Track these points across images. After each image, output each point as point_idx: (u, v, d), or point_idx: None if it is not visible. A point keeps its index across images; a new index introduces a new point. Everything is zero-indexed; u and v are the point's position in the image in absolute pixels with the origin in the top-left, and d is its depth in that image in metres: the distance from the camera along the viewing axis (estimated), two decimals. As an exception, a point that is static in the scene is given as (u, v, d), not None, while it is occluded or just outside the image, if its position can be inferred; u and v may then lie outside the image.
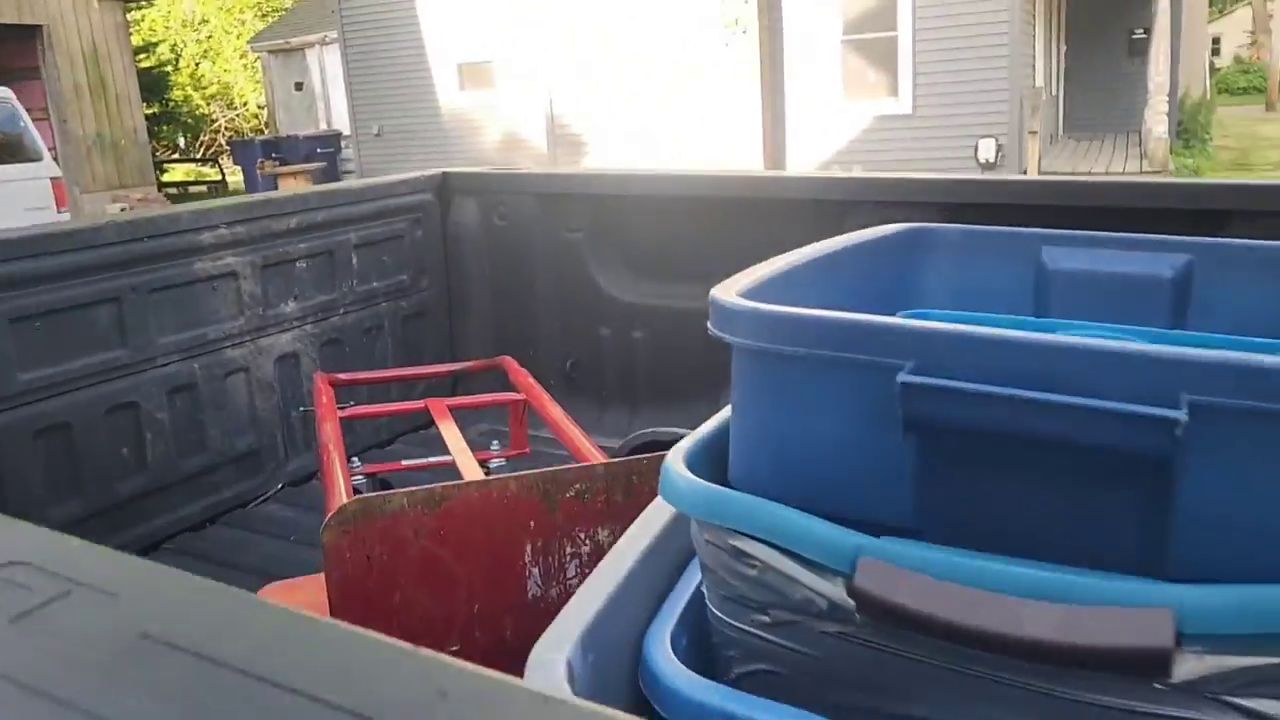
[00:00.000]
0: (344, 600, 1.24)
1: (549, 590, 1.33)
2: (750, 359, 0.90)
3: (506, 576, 1.31)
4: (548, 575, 1.32)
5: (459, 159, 14.34)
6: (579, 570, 1.34)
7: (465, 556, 1.28)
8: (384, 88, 14.98)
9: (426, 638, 1.29)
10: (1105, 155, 13.84)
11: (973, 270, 1.45)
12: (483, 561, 1.29)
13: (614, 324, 3.28)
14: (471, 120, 14.59)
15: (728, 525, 0.87)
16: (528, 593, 1.32)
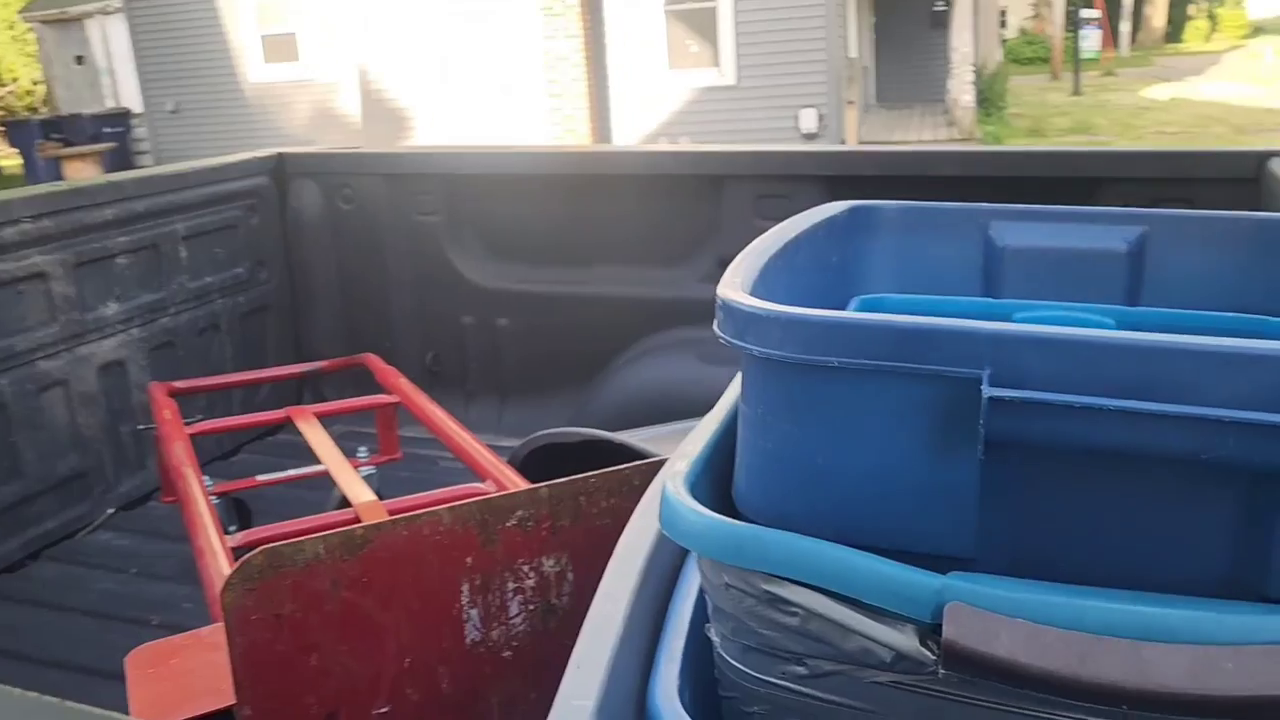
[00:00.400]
0: (251, 670, 1.03)
1: (490, 633, 1.16)
2: (777, 371, 0.76)
3: (441, 622, 1.13)
4: (488, 616, 1.15)
5: (266, 137, 13.53)
6: (523, 608, 1.17)
7: (393, 604, 1.09)
8: (179, 61, 13.96)
9: (350, 702, 1.10)
10: (916, 124, 14.41)
11: (918, 249, 1.36)
12: (413, 608, 1.11)
13: (477, 312, 3.08)
14: (278, 95, 13.80)
15: (764, 569, 0.74)
16: (465, 638, 1.15)
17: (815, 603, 0.73)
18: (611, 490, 1.18)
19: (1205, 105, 17.90)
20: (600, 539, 1.21)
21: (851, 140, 12.55)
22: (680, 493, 0.81)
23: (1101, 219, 1.30)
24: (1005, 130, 15.73)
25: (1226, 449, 0.63)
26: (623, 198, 2.86)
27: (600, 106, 12.70)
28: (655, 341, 2.90)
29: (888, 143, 13.37)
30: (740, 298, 0.77)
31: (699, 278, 2.86)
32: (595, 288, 2.95)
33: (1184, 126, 15.86)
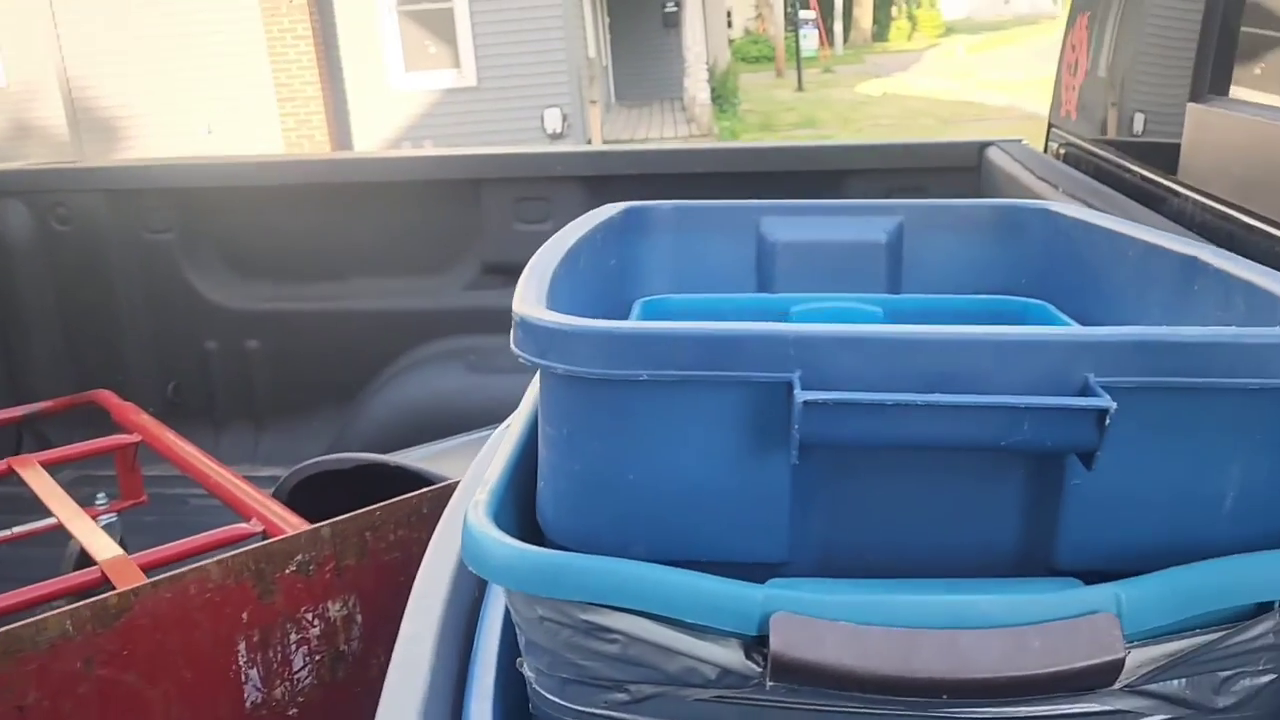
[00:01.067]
0: (-11, 775, 0.89)
1: (273, 692, 1.06)
2: (582, 388, 0.72)
3: (217, 688, 1.02)
4: (270, 674, 1.05)
5: (-45, 152, 12.15)
6: (309, 659, 1.08)
7: (160, 676, 0.98)
8: None
9: (116, 792, 0.97)
10: (656, 121, 14.81)
11: (693, 247, 1.37)
12: (184, 677, 0.99)
13: (221, 336, 2.87)
14: (-35, 106, 12.39)
15: (582, 598, 0.70)
16: (245, 701, 1.05)
17: (636, 627, 0.70)
18: (399, 521, 1.11)
19: (912, 99, 19.47)
20: (390, 575, 1.13)
21: (596, 138, 12.72)
22: (484, 525, 0.76)
23: (863, 211, 1.35)
24: (740, 125, 16.47)
25: (1021, 434, 0.65)
26: (376, 206, 2.74)
27: (337, 111, 12.23)
28: (420, 354, 2.80)
29: (632, 140, 13.67)
30: (540, 314, 0.73)
31: (462, 285, 2.79)
32: (352, 302, 2.82)
33: (896, 119, 17.19)
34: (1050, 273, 1.29)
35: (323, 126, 12.02)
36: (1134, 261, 1.12)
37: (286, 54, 11.45)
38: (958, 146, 2.52)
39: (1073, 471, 0.69)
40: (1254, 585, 0.67)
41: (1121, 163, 1.91)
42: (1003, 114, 16.96)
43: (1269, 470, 0.69)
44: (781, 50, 25.05)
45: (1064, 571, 0.72)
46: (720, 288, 1.37)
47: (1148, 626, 0.65)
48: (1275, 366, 0.65)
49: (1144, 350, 0.66)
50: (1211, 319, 0.91)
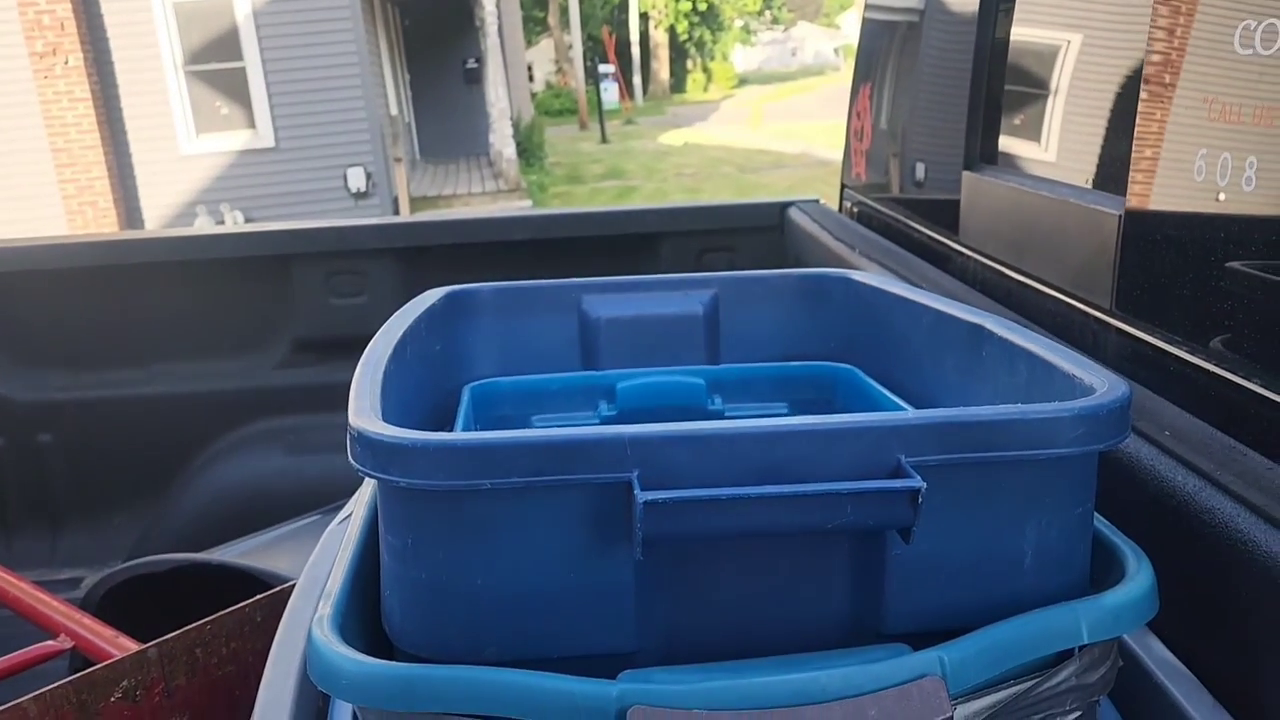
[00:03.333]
0: None
1: (101, 831, 1.00)
2: (424, 500, 0.73)
3: (38, 836, 0.95)
4: (95, 813, 0.99)
5: None
6: (139, 790, 1.02)
7: (-28, 832, 0.90)
8: None
9: None
10: (465, 177, 14.78)
11: (517, 328, 1.39)
12: (0, 829, 0.92)
13: (8, 431, 2.67)
14: None
15: (439, 709, 0.70)
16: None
17: (494, 733, 0.71)
18: (231, 633, 1.07)
19: (712, 148, 20.23)
20: (225, 691, 1.09)
21: (403, 196, 12.58)
22: (331, 641, 0.75)
23: (679, 285, 1.41)
24: (548, 178, 16.65)
25: (845, 516, 0.70)
26: (179, 285, 2.63)
27: (123, 176, 11.61)
28: (234, 438, 2.69)
29: (440, 197, 13.59)
30: (378, 428, 0.73)
31: (274, 364, 2.70)
32: (156, 387, 2.68)
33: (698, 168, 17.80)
34: (854, 337, 1.38)
35: (107, 193, 11.37)
36: (928, 328, 1.21)
37: (63, 117, 10.80)
38: (761, 207, 2.66)
39: (892, 544, 0.75)
40: (1056, 635, 0.74)
41: (909, 223, 2.07)
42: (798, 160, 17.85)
43: (1059, 529, 0.77)
44: (584, 103, 25.54)
45: (892, 636, 0.78)
46: (546, 366, 1.39)
47: (969, 684, 0.71)
48: (1058, 437, 0.73)
49: (946, 431, 0.73)
50: (1001, 383, 1.00)
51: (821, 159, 16.97)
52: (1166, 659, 0.87)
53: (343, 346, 2.68)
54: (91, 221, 11.21)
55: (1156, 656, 0.87)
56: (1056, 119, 1.57)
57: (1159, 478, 0.93)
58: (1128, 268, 1.24)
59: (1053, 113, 1.58)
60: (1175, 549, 0.89)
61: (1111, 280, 1.27)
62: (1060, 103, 1.56)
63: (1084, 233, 1.36)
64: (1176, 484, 0.91)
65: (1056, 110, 1.57)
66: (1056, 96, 1.57)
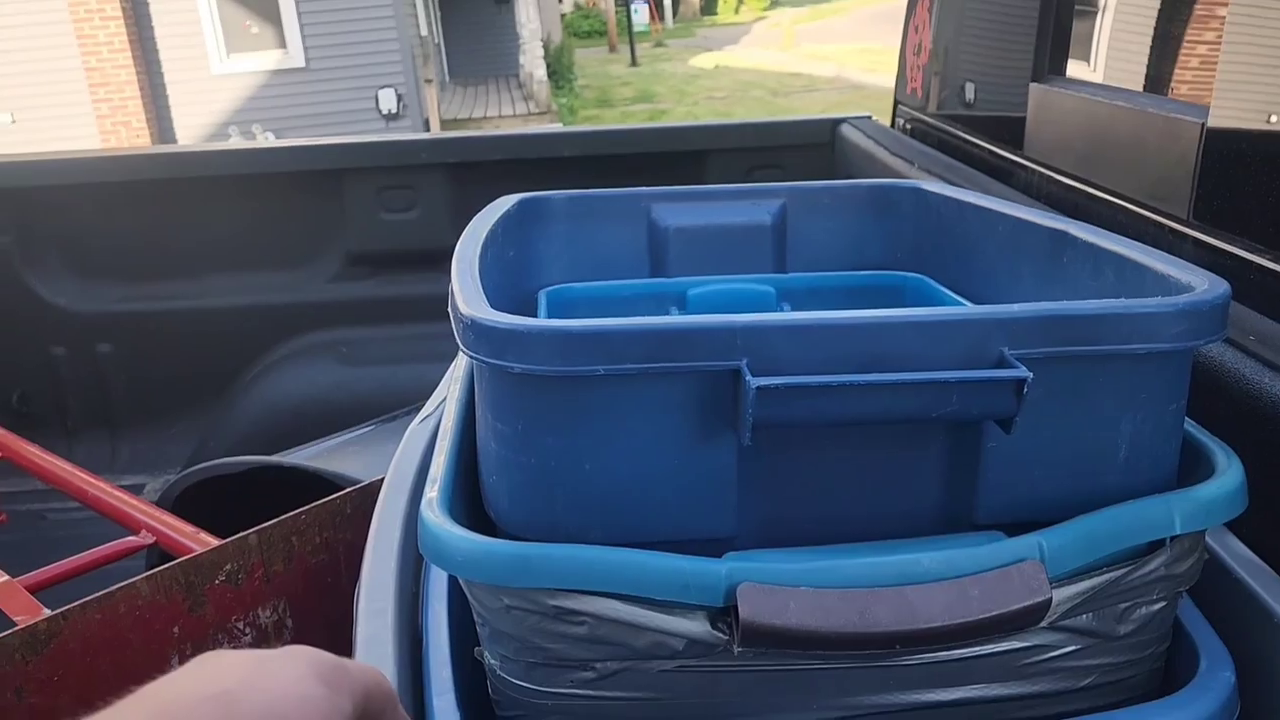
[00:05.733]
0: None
1: (208, 704, 1.05)
2: (537, 385, 0.75)
3: (151, 706, 1.00)
4: (204, 687, 1.04)
5: None
6: (242, 668, 1.07)
7: (92, 698, 0.95)
8: None
9: (53, 822, 0.95)
10: (494, 99, 14.65)
11: (587, 236, 1.40)
12: (118, 697, 0.97)
13: (69, 341, 2.72)
14: None
15: (552, 585, 0.74)
16: (181, 716, 1.03)
17: (604, 608, 0.74)
18: (323, 524, 1.11)
19: (743, 71, 19.89)
20: (317, 577, 1.13)
21: (434, 118, 12.50)
22: (445, 522, 0.78)
23: (747, 195, 1.41)
24: (577, 101, 16.47)
25: (950, 406, 0.72)
26: (234, 200, 2.65)
27: (155, 96, 11.59)
28: (287, 350, 2.74)
29: (470, 119, 13.50)
30: (492, 315, 0.75)
31: (327, 278, 2.73)
32: (211, 300, 2.72)
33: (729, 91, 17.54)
34: (923, 248, 1.39)
35: (139, 113, 11.36)
36: (1003, 236, 1.21)
37: (96, 36, 10.76)
38: (811, 124, 2.63)
39: (989, 436, 0.77)
40: (1149, 525, 0.76)
41: (969, 138, 2.05)
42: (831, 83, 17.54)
43: (1154, 425, 0.79)
44: (614, 25, 25.12)
45: (984, 526, 0.80)
46: (615, 274, 1.40)
47: (1065, 569, 0.74)
48: (1159, 332, 0.74)
49: (1050, 324, 0.74)
50: (1084, 287, 1.01)
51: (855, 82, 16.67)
52: (1246, 555, 0.89)
53: (394, 261, 2.70)
54: (125, 141, 11.23)
55: (1237, 553, 0.89)
56: (1132, 29, 1.54)
57: (1244, 380, 0.94)
58: (1207, 177, 1.23)
59: (1128, 22, 1.56)
60: (1258, 451, 0.91)
61: (1190, 190, 1.26)
62: (1136, 11, 1.53)
63: (1162, 143, 1.34)
64: (1263, 386, 0.92)
65: (1132, 20, 1.55)
66: (1132, 5, 1.54)
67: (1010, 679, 0.80)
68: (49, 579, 1.50)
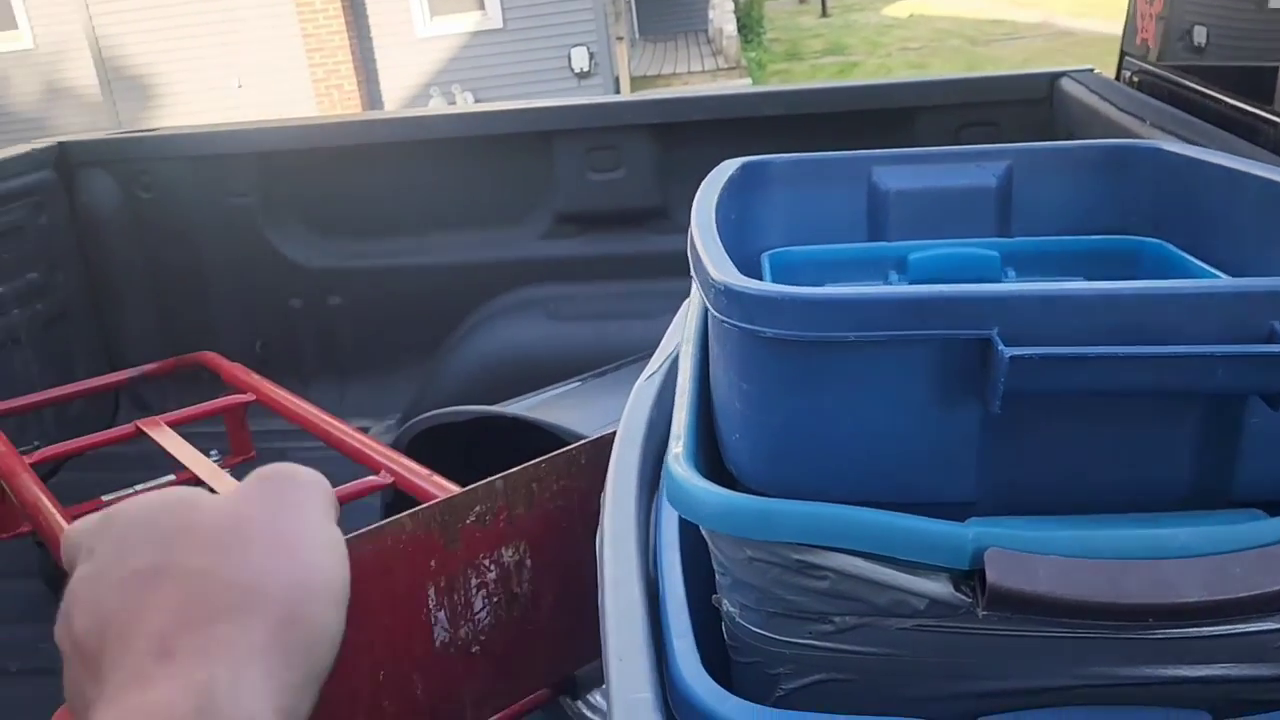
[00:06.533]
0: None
1: (458, 632, 1.15)
2: (785, 349, 0.78)
3: (411, 630, 1.11)
4: (455, 616, 1.14)
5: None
6: (487, 602, 1.17)
7: (364, 622, 1.06)
8: None
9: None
10: (683, 55, 14.64)
11: (806, 199, 1.41)
12: (384, 622, 1.08)
13: (305, 294, 2.95)
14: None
15: (798, 540, 0.77)
16: (435, 641, 1.13)
17: (847, 565, 0.77)
18: (560, 472, 1.18)
19: (940, 19, 19.10)
20: (554, 522, 1.21)
21: (624, 75, 12.63)
22: (693, 476, 0.82)
23: (971, 157, 1.39)
24: (766, 56, 16.25)
25: (1215, 380, 0.71)
26: (451, 161, 2.80)
27: (364, 59, 12.19)
28: (499, 305, 2.87)
29: (659, 76, 13.55)
30: (744, 282, 0.79)
31: (536, 236, 2.84)
32: (429, 257, 2.88)
33: (925, 41, 16.89)
34: (1161, 212, 1.33)
35: (351, 76, 12.00)
36: (1254, 200, 1.15)
37: (312, 3, 11.39)
38: (1028, 78, 2.53)
39: (1253, 411, 0.75)
40: None
41: (1210, 92, 1.93)
42: (1035, 30, 16.61)
43: None
44: (805, -25, 24.55)
45: (1241, 503, 0.78)
46: (832, 237, 1.41)
47: (1331, 549, 0.71)
48: None
49: (1326, 295, 0.71)
50: (1354, 258, 0.95)
51: (1063, 28, 15.73)
52: None
53: (600, 220, 2.79)
54: (337, 104, 11.90)
55: None
56: None
57: None
58: None
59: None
60: None
61: None
62: None
63: None
64: None
65: None
66: None
67: (1259, 660, 0.78)
68: (305, 512, 1.65)
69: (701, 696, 0.80)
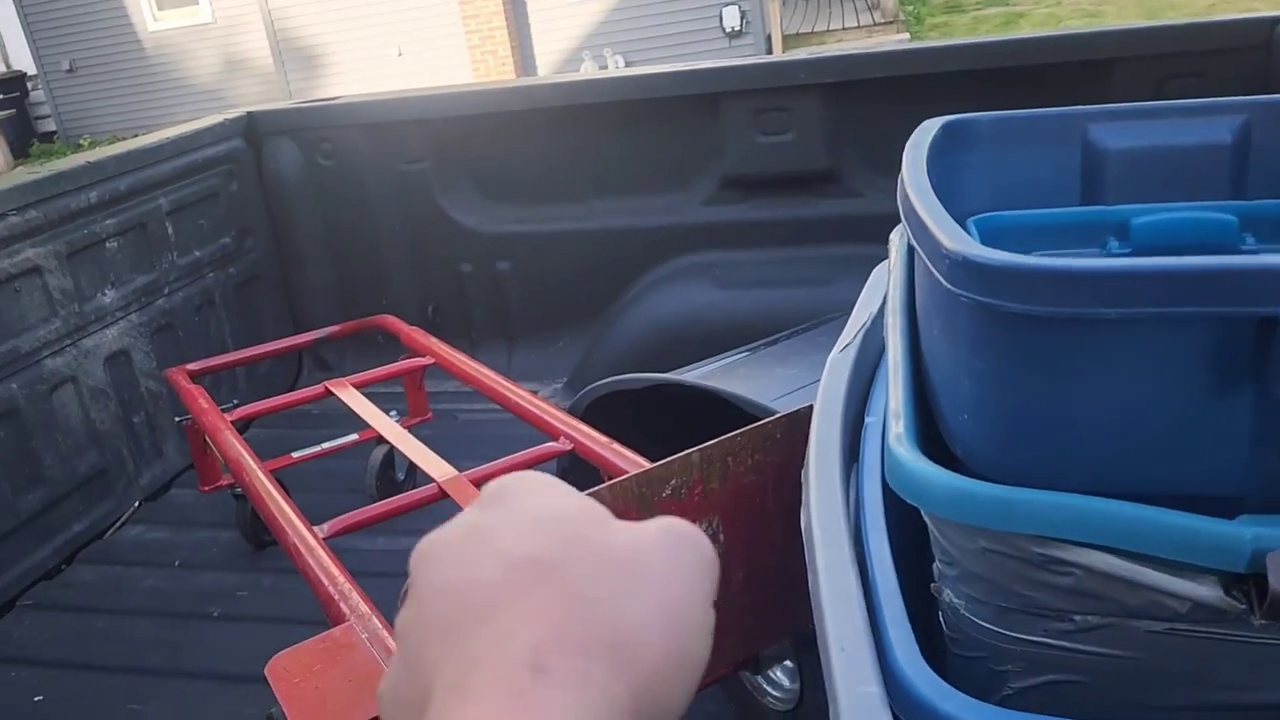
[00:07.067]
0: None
1: (651, 605, 1.13)
2: (1030, 326, 0.72)
3: (607, 602, 1.10)
4: (649, 589, 1.12)
5: (172, 90, 12.99)
6: (680, 575, 1.14)
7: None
8: (69, 16, 13.20)
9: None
10: (837, 11, 14.24)
11: (1011, 160, 1.33)
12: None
13: (475, 258, 2.99)
14: (179, 45, 13.15)
15: (1042, 533, 0.71)
16: (629, 613, 1.12)
17: (1100, 562, 0.71)
18: (756, 447, 1.15)
19: (1113, -34, 17.91)
20: (748, 496, 1.18)
21: (776, 34, 12.36)
22: (919, 459, 0.78)
23: (1202, 111, 1.27)
24: (924, 8, 15.61)
25: None
26: (615, 126, 2.77)
27: (519, 25, 12.32)
28: (664, 271, 2.85)
29: (812, 33, 13.21)
30: (985, 252, 0.73)
31: (702, 201, 2.80)
32: (597, 221, 2.88)
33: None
34: None
35: (505, 42, 12.14)
36: None
37: (468, -29, 11.56)
38: (1243, 23, 2.32)
39: None
40: None
41: None
42: (1222, -25, 15.43)
43: None
44: (966, -77, 23.46)
45: None
46: (1040, 200, 1.32)
47: None
48: None
49: None
50: None
51: (1256, -29, 14.54)
52: None
53: (767, 184, 2.72)
54: (492, 69, 12.08)
55: None
56: None
57: None
58: None
59: None
60: None
61: None
62: None
63: None
64: None
65: None
66: None
67: None
68: (490, 475, 1.68)
69: (924, 692, 0.76)
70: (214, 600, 2.11)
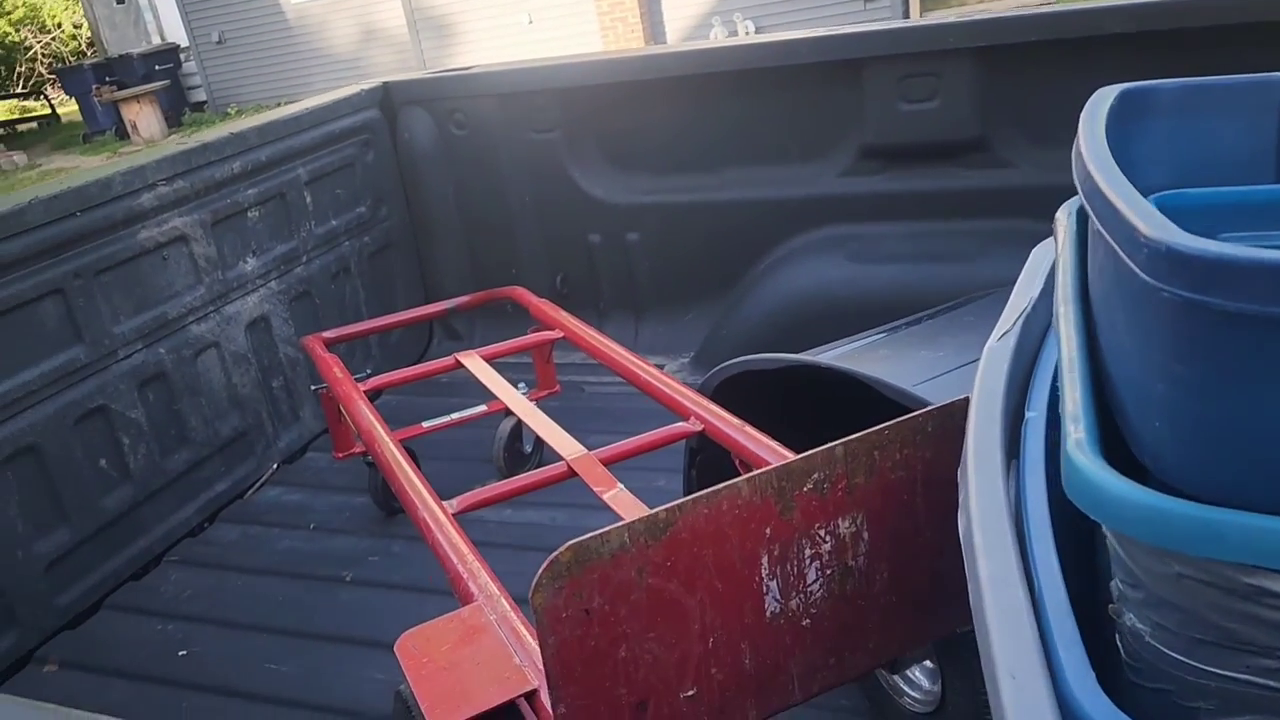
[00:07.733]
0: (563, 667, 0.97)
1: (789, 603, 1.08)
2: (1244, 326, 0.64)
3: (742, 597, 1.06)
4: (787, 586, 1.07)
5: (312, 60, 13.37)
6: (820, 573, 1.09)
7: (696, 585, 1.02)
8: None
9: (659, 689, 1.03)
10: (980, -27, 13.65)
11: (1195, 132, 1.20)
12: (715, 587, 1.03)
13: (604, 229, 2.96)
14: (319, 16, 13.51)
15: (1255, 562, 0.63)
16: (765, 611, 1.07)
17: (1318, 595, 0.62)
18: (904, 441, 1.08)
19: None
20: (895, 493, 1.11)
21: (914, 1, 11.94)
22: (1105, 470, 0.70)
23: None
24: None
25: None
26: (749, 94, 2.69)
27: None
28: (797, 244, 2.76)
29: None
30: (1200, 243, 0.65)
31: (839, 172, 2.69)
32: (728, 192, 2.81)
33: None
34: None
35: (635, 8, 12.07)
36: None
37: (600, -63, 11.51)
38: None
39: None
40: None
41: None
42: None
43: None
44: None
45: None
46: (1229, 176, 1.20)
47: None
48: None
49: None
50: None
51: None
52: None
53: (909, 154, 2.60)
54: (621, 37, 12.03)
55: None
56: None
57: None
58: None
59: None
60: None
61: None
62: None
63: None
64: None
65: None
66: None
67: None
68: (617, 455, 1.64)
69: (1103, 723, 0.68)
70: (346, 564, 2.15)
